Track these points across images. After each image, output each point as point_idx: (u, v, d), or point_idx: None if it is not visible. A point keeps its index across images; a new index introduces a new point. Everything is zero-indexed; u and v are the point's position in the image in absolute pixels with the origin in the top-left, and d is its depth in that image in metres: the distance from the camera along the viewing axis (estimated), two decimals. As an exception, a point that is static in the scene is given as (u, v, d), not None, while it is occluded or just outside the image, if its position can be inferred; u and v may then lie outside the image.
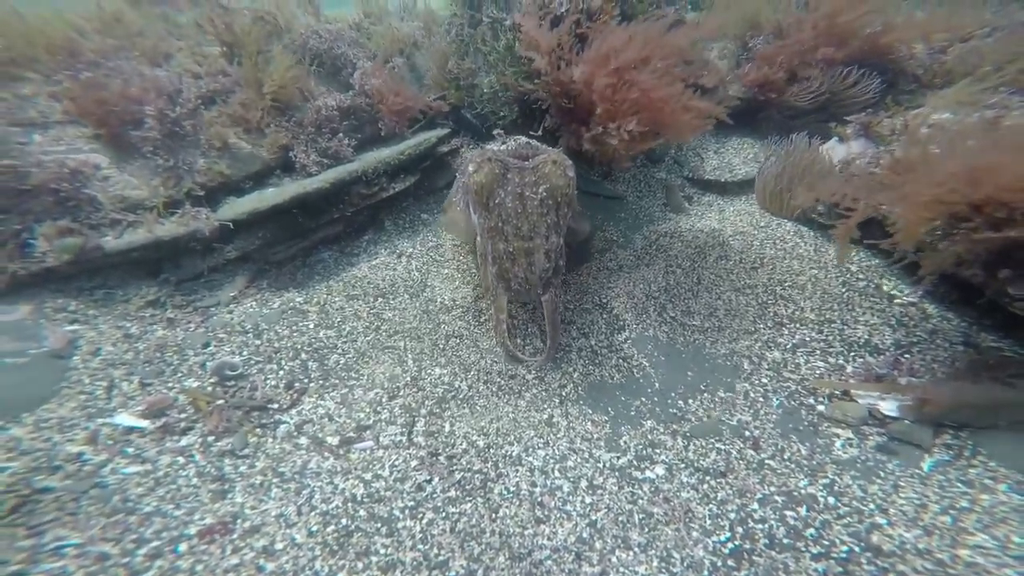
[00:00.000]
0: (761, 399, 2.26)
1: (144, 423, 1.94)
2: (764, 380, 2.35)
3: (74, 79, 2.57)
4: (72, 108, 2.46)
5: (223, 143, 2.86)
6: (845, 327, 2.52)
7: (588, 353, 2.56)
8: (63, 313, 2.24)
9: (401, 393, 2.38)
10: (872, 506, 1.81)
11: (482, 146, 2.66)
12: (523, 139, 2.45)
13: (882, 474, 1.93)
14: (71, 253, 2.18)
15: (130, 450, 1.85)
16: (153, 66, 3.04)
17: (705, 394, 2.31)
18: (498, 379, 2.49)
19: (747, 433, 2.12)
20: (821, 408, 2.20)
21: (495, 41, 3.59)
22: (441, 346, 2.63)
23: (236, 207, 2.65)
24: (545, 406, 2.33)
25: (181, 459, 1.88)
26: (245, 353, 2.40)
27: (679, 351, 2.55)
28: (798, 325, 2.58)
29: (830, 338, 2.48)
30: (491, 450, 2.13)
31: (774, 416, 2.18)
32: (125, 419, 1.93)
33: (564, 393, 2.39)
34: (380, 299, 2.85)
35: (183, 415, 2.04)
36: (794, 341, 2.50)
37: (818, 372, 2.34)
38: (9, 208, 2.13)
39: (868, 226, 2.51)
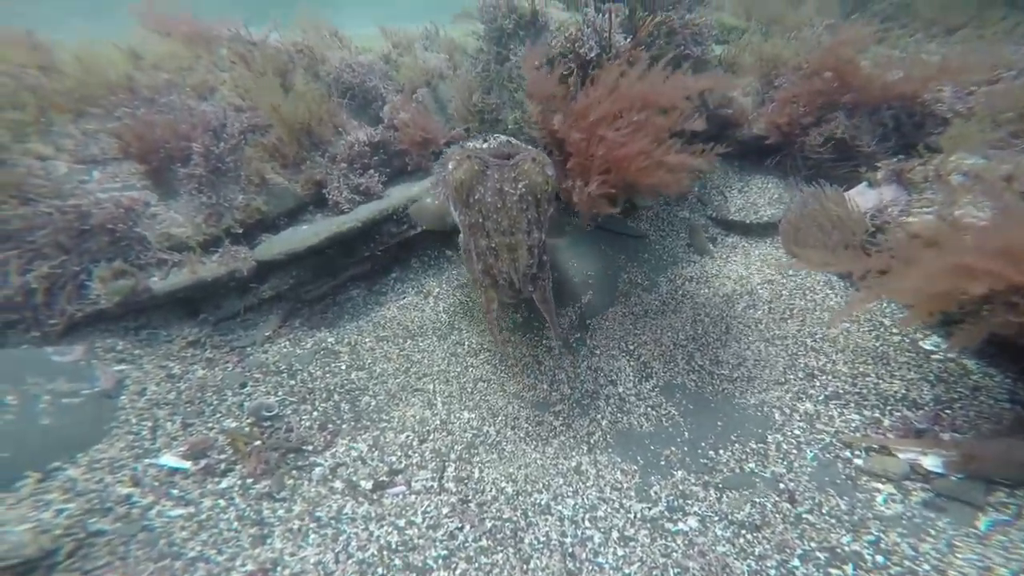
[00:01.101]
0: (794, 451, 2.35)
1: (187, 464, 2.09)
2: (797, 432, 2.43)
3: (131, 116, 2.84)
4: (126, 146, 2.71)
5: (261, 179, 3.11)
6: (880, 381, 2.60)
7: (616, 400, 2.68)
8: (112, 353, 2.44)
9: (431, 437, 2.51)
10: (927, 566, 1.80)
11: (463, 144, 2.78)
12: (503, 138, 2.58)
13: (933, 532, 1.92)
14: (122, 295, 2.38)
15: (175, 492, 1.99)
16: (200, 100, 3.33)
17: (736, 444, 2.41)
18: (526, 424, 2.61)
19: (782, 485, 2.19)
20: (859, 462, 2.26)
21: (521, 79, 3.88)
22: (469, 390, 2.77)
23: (273, 247, 2.86)
24: (573, 453, 2.44)
25: (222, 502, 2.02)
26: (280, 393, 2.56)
27: (708, 400, 2.65)
28: (830, 377, 2.67)
29: (864, 391, 2.57)
30: (520, 497, 2.24)
31: (809, 469, 2.26)
32: (169, 460, 2.08)
33: (592, 440, 2.49)
34: (409, 341, 3.01)
35: (223, 456, 2.18)
36: (826, 393, 2.59)
37: (853, 425, 2.43)
38: (71, 248, 2.35)
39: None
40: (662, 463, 2.35)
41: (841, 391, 2.59)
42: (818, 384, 2.65)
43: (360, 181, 3.37)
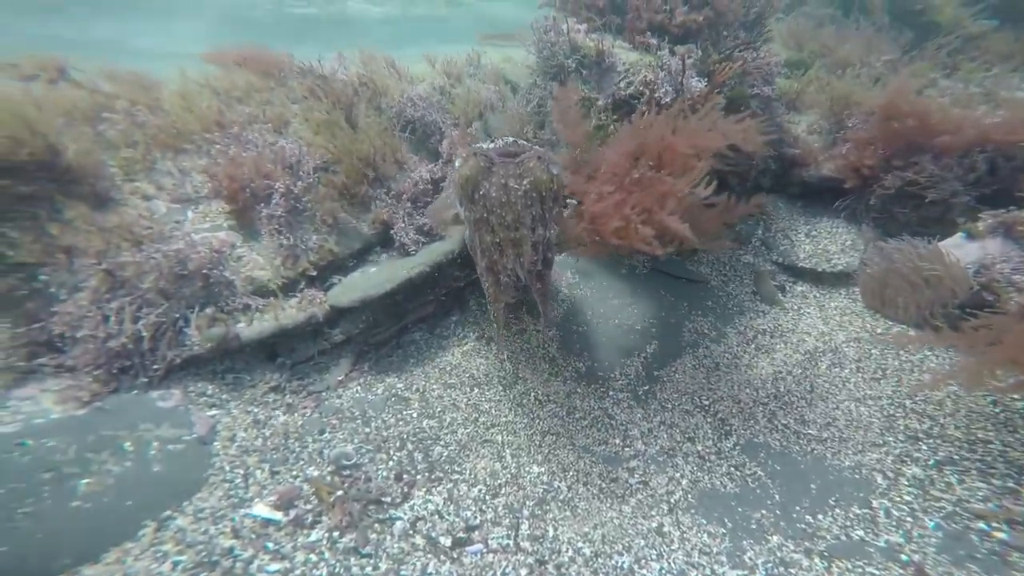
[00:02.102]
0: (909, 519, 2.32)
1: (278, 515, 2.24)
2: (907, 498, 2.42)
3: (223, 154, 3.10)
4: (217, 187, 2.97)
5: (333, 219, 3.34)
6: (1008, 448, 2.55)
7: (695, 459, 2.75)
8: (203, 398, 2.64)
9: (503, 491, 2.62)
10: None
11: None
12: (511, 138, 2.72)
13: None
14: (215, 342, 2.60)
15: (270, 545, 2.14)
16: (277, 134, 3.61)
17: (836, 509, 2.41)
18: (599, 481, 2.70)
19: (903, 557, 2.16)
20: (1002, 535, 2.18)
21: (584, 119, 4.08)
22: (537, 443, 2.88)
23: (347, 292, 3.06)
24: (653, 513, 2.51)
25: (313, 556, 2.16)
26: (356, 441, 2.72)
27: (796, 461, 2.70)
28: (939, 441, 2.66)
29: (988, 459, 2.52)
30: (599, 559, 2.31)
31: (934, 540, 2.22)
32: (262, 510, 2.24)
33: (673, 500, 2.56)
34: (476, 389, 3.15)
35: (309, 507, 2.33)
36: (937, 458, 2.57)
37: (980, 495, 2.38)
38: (171, 294, 2.59)
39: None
40: (753, 527, 2.39)
41: (956, 457, 2.56)
42: (925, 448, 2.64)
43: (424, 221, 3.59)
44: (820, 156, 4.27)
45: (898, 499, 2.43)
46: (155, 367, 2.49)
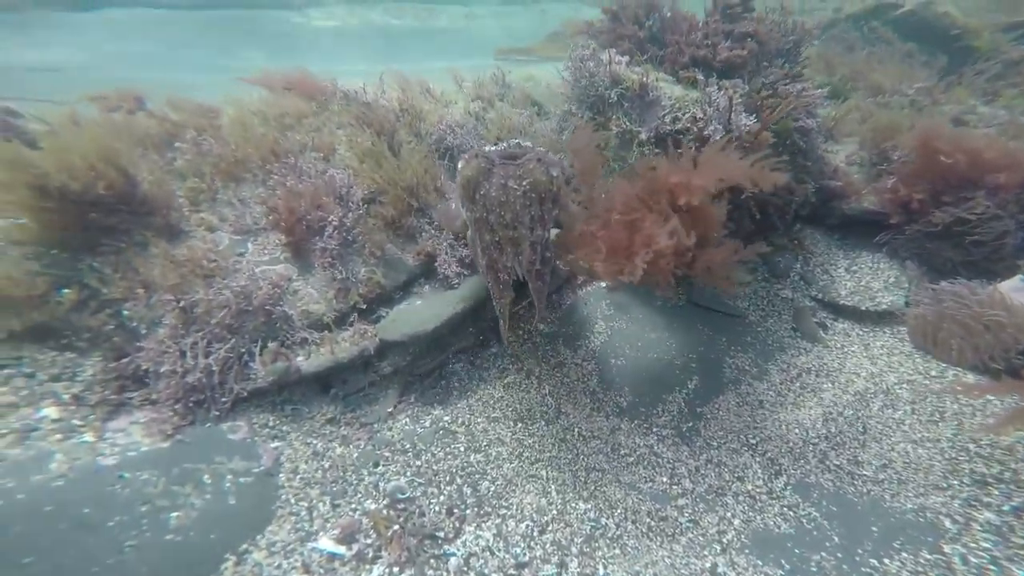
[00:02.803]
0: (991, 566, 2.38)
1: (342, 549, 2.41)
2: (985, 544, 2.48)
3: (281, 185, 3.31)
4: (276, 220, 3.18)
5: (381, 251, 3.54)
6: None
7: (746, 498, 2.87)
8: (266, 429, 2.83)
9: (550, 527, 2.76)
10: None
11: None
12: (516, 140, 2.89)
13: None
14: (278, 376, 2.80)
15: (337, 580, 2.32)
16: (326, 162, 3.83)
17: (904, 554, 2.48)
18: (647, 519, 2.83)
19: None
20: None
21: (624, 151, 4.25)
22: (583, 479, 3.02)
23: (397, 327, 3.25)
24: (706, 553, 2.63)
25: (378, 591, 2.33)
26: (408, 474, 2.89)
27: (853, 502, 2.79)
28: (1013, 487, 2.71)
29: None
30: (653, 601, 2.44)
31: None
32: (327, 544, 2.41)
33: (725, 540, 2.68)
34: (519, 424, 3.31)
35: (369, 541, 2.50)
36: (1013, 504, 2.62)
37: None
38: (236, 329, 2.80)
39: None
40: (814, 569, 2.48)
41: (1034, 504, 2.59)
42: (997, 494, 2.70)
43: (466, 253, 3.76)
44: (863, 189, 4.38)
45: (974, 545, 2.48)
46: (223, 399, 2.70)
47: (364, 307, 3.36)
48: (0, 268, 2.57)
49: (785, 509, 2.78)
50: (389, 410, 3.22)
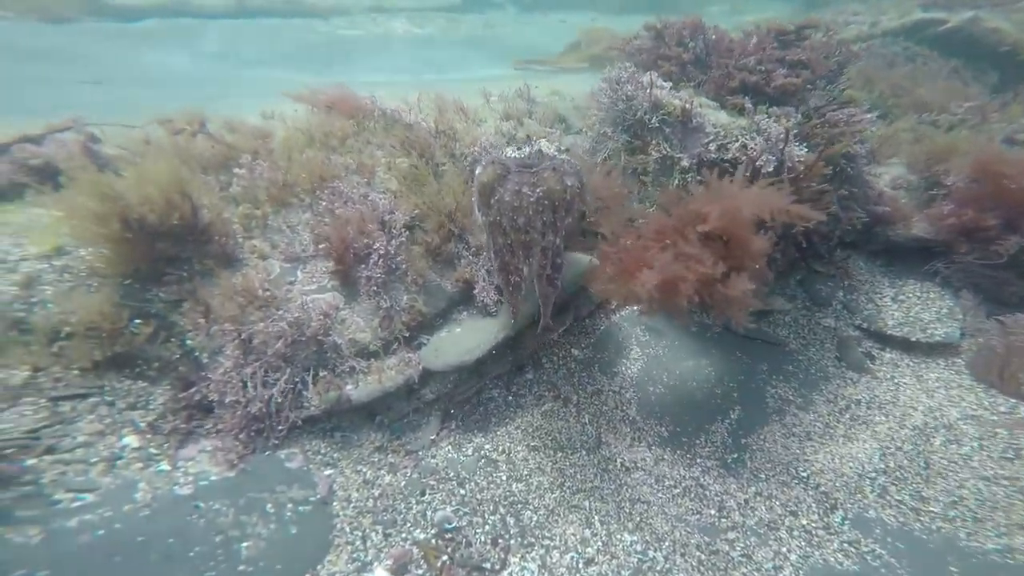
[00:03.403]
0: None
1: (396, 579, 2.54)
2: None
3: (329, 212, 3.45)
4: (328, 248, 3.33)
5: (423, 278, 3.67)
6: None
7: (801, 533, 2.91)
8: (319, 456, 2.99)
9: (596, 559, 2.84)
10: None
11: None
12: (538, 147, 3.01)
13: None
14: (330, 404, 2.95)
15: (393, 609, 2.43)
16: (367, 185, 3.96)
17: None
18: (697, 552, 2.88)
19: None
20: None
21: (664, 177, 4.33)
22: (627, 510, 3.10)
23: (440, 356, 3.36)
24: (760, 590, 2.68)
25: (432, 624, 2.44)
26: (454, 503, 3.00)
27: (922, 540, 2.80)
28: None
29: None
30: (706, 640, 2.50)
31: None
32: (382, 575, 2.54)
33: (781, 577, 2.73)
34: (559, 452, 3.40)
35: (420, 571, 2.62)
36: None
37: None
38: (290, 358, 2.96)
39: None
40: None
41: None
42: None
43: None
44: (911, 215, 4.36)
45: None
46: (280, 428, 2.86)
47: (407, 335, 3.49)
48: (94, 302, 2.76)
49: (846, 545, 2.81)
50: (432, 437, 3.35)
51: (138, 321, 2.83)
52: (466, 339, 3.52)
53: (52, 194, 3.01)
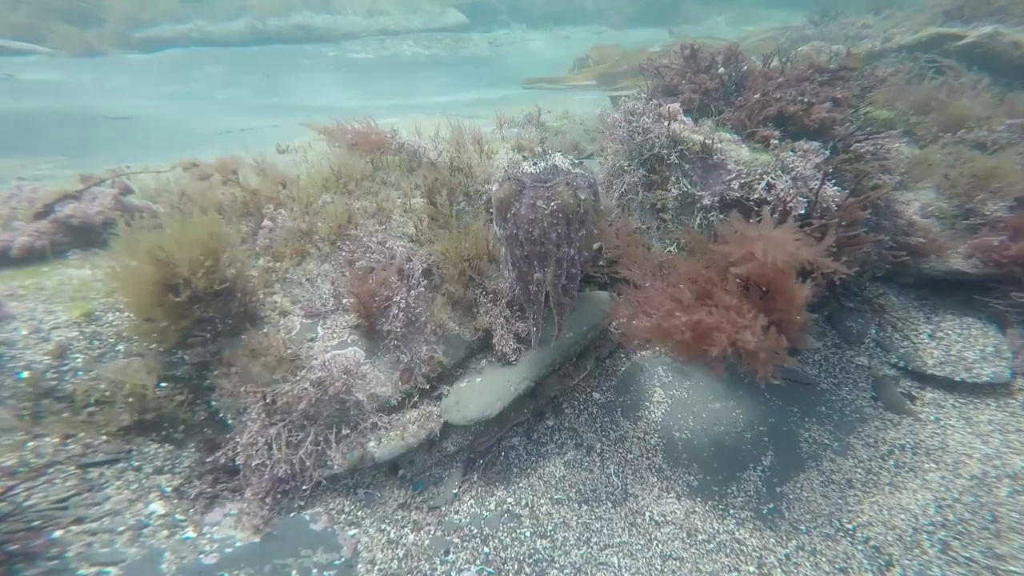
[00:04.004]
0: None
1: (422, 649, 2.53)
2: None
3: (349, 264, 3.50)
4: (351, 304, 3.38)
5: (443, 329, 3.69)
6: None
7: (852, 595, 2.83)
8: (343, 515, 3.02)
9: (627, 623, 2.80)
10: None
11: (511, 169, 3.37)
12: (553, 162, 3.15)
13: None
14: (353, 464, 2.98)
15: None
16: (384, 229, 4.00)
17: None
18: (735, 615, 2.83)
19: None
20: None
21: (685, 215, 4.30)
22: (659, 568, 3.05)
23: (462, 409, 3.37)
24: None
25: None
26: (478, 563, 3.00)
27: None
28: None
29: None
30: None
31: None
32: (407, 642, 2.53)
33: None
34: (584, 506, 3.38)
35: (447, 639, 2.61)
36: None
37: None
38: (313, 417, 3.01)
39: None
40: None
41: None
42: None
43: (521, 327, 3.77)
44: (946, 246, 4.24)
45: None
46: (304, 488, 2.89)
47: (427, 387, 3.52)
48: (138, 371, 2.84)
49: (909, 608, 2.73)
50: (454, 491, 3.35)
51: (164, 384, 2.90)
52: (487, 391, 3.53)
53: (99, 255, 3.08)
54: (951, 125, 6.00)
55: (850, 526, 3.14)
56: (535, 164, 3.25)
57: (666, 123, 4.29)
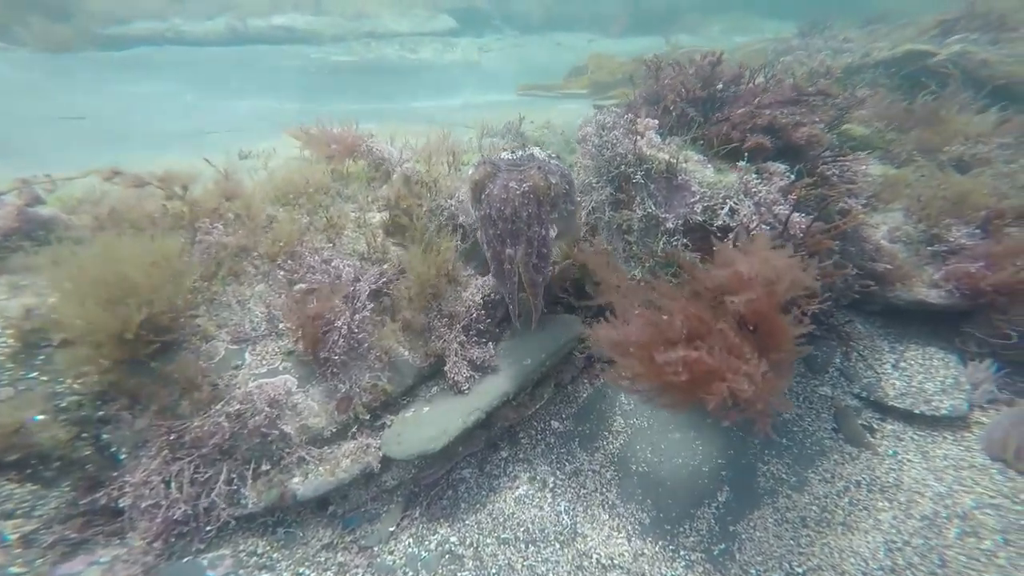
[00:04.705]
0: None
1: None
2: None
3: (287, 285, 3.31)
4: (286, 328, 3.19)
5: (389, 356, 3.50)
6: None
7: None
8: (254, 558, 2.80)
9: None
10: None
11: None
12: (530, 152, 3.29)
13: None
14: (270, 502, 2.78)
15: None
16: (331, 245, 3.79)
17: None
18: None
19: None
20: None
21: (649, 239, 4.15)
22: (606, 615, 2.89)
23: (403, 444, 3.17)
24: None
25: None
26: (415, 613, 2.81)
27: None
28: None
29: None
30: None
31: None
32: None
33: None
34: (531, 547, 3.21)
35: None
36: None
37: None
38: (230, 451, 2.80)
39: None
40: None
41: None
42: None
43: (476, 354, 3.61)
44: (912, 273, 4.16)
45: None
46: (208, 528, 2.68)
47: (367, 417, 3.33)
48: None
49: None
50: (391, 529, 3.17)
51: (39, 416, 2.61)
52: (432, 423, 3.33)
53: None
54: (924, 144, 5.96)
55: (800, 569, 3.02)
56: (513, 153, 3.36)
57: (635, 139, 4.14)
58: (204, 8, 16.53)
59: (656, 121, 4.13)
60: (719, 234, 3.53)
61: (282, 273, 3.47)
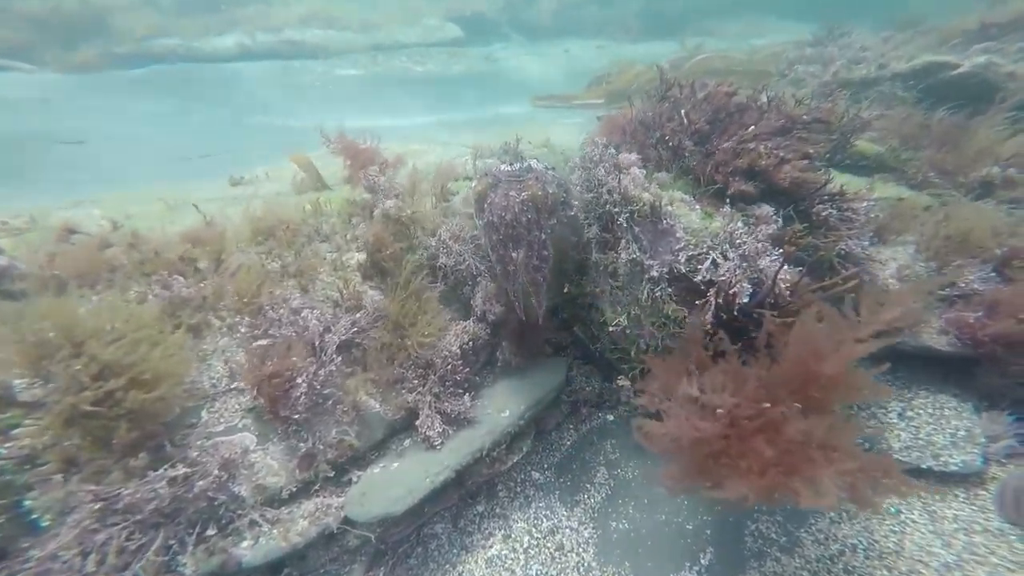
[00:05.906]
0: None
1: None
2: None
3: (249, 341, 3.25)
4: (246, 386, 3.14)
5: (357, 411, 3.40)
6: None
7: None
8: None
9: None
10: None
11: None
12: (528, 164, 3.43)
13: None
14: (209, 571, 2.69)
15: None
16: (303, 291, 3.71)
17: None
18: None
19: None
20: None
21: (635, 285, 3.94)
22: None
23: (367, 504, 3.07)
24: None
25: None
26: None
27: None
28: None
29: None
30: None
31: None
32: None
33: None
34: (504, 614, 3.07)
35: None
36: None
37: None
38: (172, 515, 2.72)
39: None
40: None
41: None
42: None
43: (450, 407, 3.50)
44: (920, 318, 3.87)
45: None
46: (137, 602, 2.57)
47: (332, 474, 3.24)
48: None
49: None
50: (351, 595, 3.06)
51: None
52: (399, 480, 3.24)
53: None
54: (958, 164, 5.58)
55: (789, 649, 2.82)
56: (512, 164, 3.45)
57: (619, 176, 3.94)
58: (216, 24, 16.85)
59: (636, 156, 3.92)
60: (704, 288, 3.33)
61: (243, 329, 3.41)
